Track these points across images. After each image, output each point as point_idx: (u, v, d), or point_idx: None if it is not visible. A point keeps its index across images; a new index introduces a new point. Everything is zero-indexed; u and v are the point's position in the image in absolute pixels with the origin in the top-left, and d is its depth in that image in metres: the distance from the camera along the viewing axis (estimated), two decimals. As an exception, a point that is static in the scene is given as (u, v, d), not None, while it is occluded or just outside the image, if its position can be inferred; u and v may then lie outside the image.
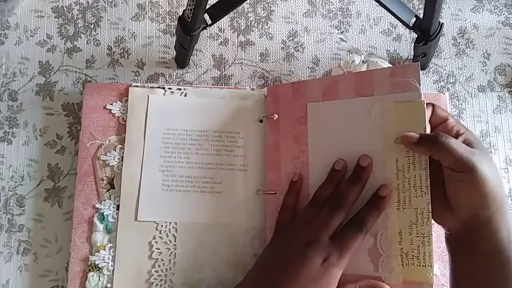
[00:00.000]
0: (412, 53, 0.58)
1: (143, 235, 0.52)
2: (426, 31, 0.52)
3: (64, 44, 0.59)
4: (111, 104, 0.55)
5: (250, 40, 0.60)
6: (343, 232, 0.45)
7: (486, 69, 0.60)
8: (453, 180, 0.42)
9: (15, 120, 0.57)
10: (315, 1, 0.62)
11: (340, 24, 0.61)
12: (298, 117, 0.52)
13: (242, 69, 0.60)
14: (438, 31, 0.52)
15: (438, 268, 0.52)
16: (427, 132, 0.44)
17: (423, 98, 0.45)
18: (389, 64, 0.55)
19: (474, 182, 0.41)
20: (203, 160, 0.54)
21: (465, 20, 0.61)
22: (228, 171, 0.54)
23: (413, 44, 0.55)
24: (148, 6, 0.61)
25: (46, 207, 0.55)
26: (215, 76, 0.59)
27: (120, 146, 0.54)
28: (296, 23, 0.61)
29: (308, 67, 0.60)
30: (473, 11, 0.62)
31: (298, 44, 0.60)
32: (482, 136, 0.58)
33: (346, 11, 0.61)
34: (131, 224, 0.52)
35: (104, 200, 0.53)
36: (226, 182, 0.53)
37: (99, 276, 0.51)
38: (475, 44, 0.61)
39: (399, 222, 0.45)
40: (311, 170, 0.50)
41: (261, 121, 0.55)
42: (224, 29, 0.61)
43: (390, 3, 0.52)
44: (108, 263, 0.51)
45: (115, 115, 0.55)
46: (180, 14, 0.52)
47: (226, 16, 0.55)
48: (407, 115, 0.45)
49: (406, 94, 0.45)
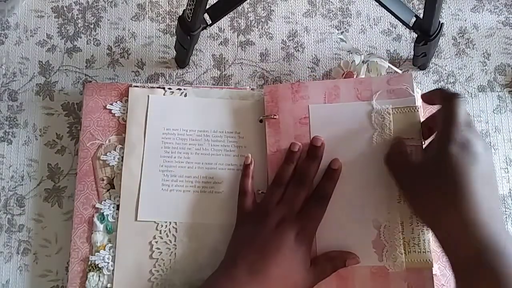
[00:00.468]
0: (412, 53, 0.58)
1: (143, 235, 0.52)
2: (426, 31, 0.52)
3: (64, 44, 0.59)
4: (111, 104, 0.55)
5: (250, 40, 0.60)
6: (309, 206, 0.49)
7: (486, 69, 0.60)
8: None
9: (15, 120, 0.57)
10: (315, 1, 0.62)
11: (340, 24, 0.61)
12: (299, 117, 0.53)
13: (242, 69, 0.60)
14: (438, 31, 0.52)
15: (438, 268, 0.52)
16: (421, 135, 0.49)
17: (417, 104, 0.50)
18: (389, 64, 0.55)
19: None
20: (203, 160, 0.54)
21: (465, 20, 0.61)
22: (228, 171, 0.54)
23: (413, 44, 0.55)
24: (148, 6, 0.61)
25: (46, 207, 0.55)
26: (215, 76, 0.59)
27: (120, 146, 0.54)
28: (296, 23, 0.61)
29: (308, 67, 0.60)
30: (473, 11, 0.62)
31: (298, 44, 0.60)
32: (482, 136, 0.58)
33: (346, 11, 0.61)
34: (131, 224, 0.52)
35: (104, 200, 0.53)
36: (226, 182, 0.53)
37: (99, 276, 0.51)
38: (475, 44, 0.61)
39: (401, 214, 0.49)
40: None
41: (261, 121, 0.55)
42: (224, 29, 0.61)
43: (390, 3, 0.52)
44: (108, 263, 0.51)
45: (115, 115, 0.55)
46: (180, 14, 0.52)
47: (226, 16, 0.55)
48: (404, 120, 0.50)
49: (402, 100, 0.51)
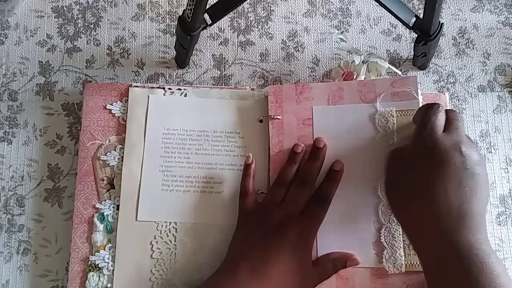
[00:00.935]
0: (412, 53, 0.58)
1: (143, 235, 0.52)
2: (426, 31, 0.52)
3: (64, 44, 0.59)
4: (111, 104, 0.55)
5: (250, 40, 0.60)
6: (310, 206, 0.49)
7: (486, 69, 0.60)
8: None
9: (15, 120, 0.57)
10: (315, 1, 0.62)
11: (340, 24, 0.61)
12: (303, 118, 0.53)
13: (242, 69, 0.60)
14: (438, 31, 0.52)
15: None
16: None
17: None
18: (389, 65, 0.55)
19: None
20: (203, 160, 0.54)
21: (465, 20, 0.61)
22: (228, 171, 0.54)
23: (413, 44, 0.55)
24: (148, 6, 0.61)
25: (46, 207, 0.55)
26: (215, 76, 0.59)
27: (120, 146, 0.54)
28: (296, 23, 0.61)
29: (308, 67, 0.60)
30: (473, 11, 0.62)
31: (298, 44, 0.60)
32: (482, 136, 0.58)
33: (346, 11, 0.61)
34: (131, 224, 0.52)
35: (104, 200, 0.53)
36: (226, 182, 0.53)
37: (99, 276, 0.51)
38: (475, 44, 0.61)
39: None
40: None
41: (261, 121, 0.55)
42: (224, 29, 0.61)
43: (390, 3, 0.52)
44: (108, 263, 0.51)
45: (115, 115, 0.55)
46: (180, 14, 0.52)
47: (226, 16, 0.55)
48: (407, 122, 0.50)
49: (406, 103, 0.51)
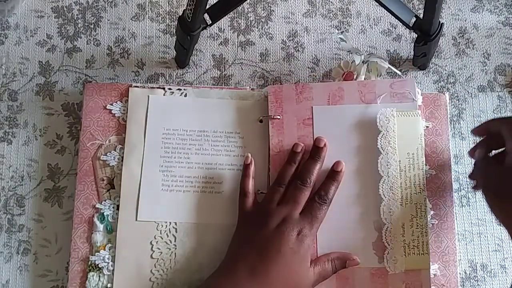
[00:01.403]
0: (412, 53, 0.58)
1: (143, 235, 0.52)
2: (426, 31, 0.52)
3: (64, 44, 0.59)
4: (111, 104, 0.55)
5: (250, 40, 0.60)
6: (310, 206, 0.49)
7: (486, 69, 0.60)
8: None
9: (15, 120, 0.57)
10: (315, 1, 0.62)
11: (340, 24, 0.61)
12: (303, 118, 0.53)
13: (242, 69, 0.60)
14: (438, 31, 0.52)
15: (438, 268, 0.52)
16: (422, 139, 0.52)
17: (418, 109, 0.52)
18: (389, 65, 0.55)
19: None
20: (203, 160, 0.54)
21: (465, 20, 0.61)
22: (228, 171, 0.54)
23: (413, 44, 0.55)
24: (148, 6, 0.61)
25: (46, 207, 0.55)
26: (215, 76, 0.59)
27: (120, 146, 0.54)
28: (296, 23, 0.61)
29: (308, 67, 0.60)
30: (473, 11, 0.62)
31: (298, 44, 0.60)
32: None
33: (346, 11, 0.61)
34: (131, 224, 0.52)
35: (104, 200, 0.53)
36: (226, 182, 0.53)
37: (99, 276, 0.51)
38: (475, 44, 0.61)
39: (402, 216, 0.50)
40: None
41: (261, 121, 0.55)
42: (224, 29, 0.61)
43: (390, 3, 0.52)
44: (108, 263, 0.51)
45: (115, 115, 0.55)
46: (180, 14, 0.52)
47: (226, 16, 0.55)
48: (407, 123, 0.52)
49: (404, 105, 0.53)
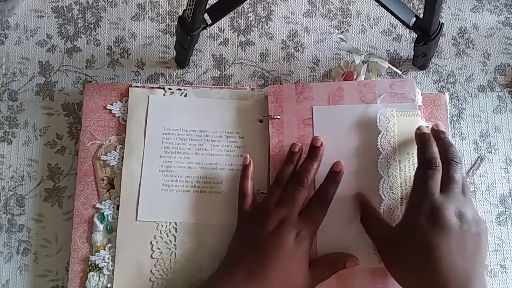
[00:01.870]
0: (412, 53, 0.58)
1: (143, 235, 0.52)
2: (426, 31, 0.52)
3: (64, 44, 0.59)
4: (111, 104, 0.55)
5: (250, 40, 0.60)
6: (309, 207, 0.49)
7: (486, 69, 0.60)
8: None
9: (15, 120, 0.57)
10: (315, 1, 0.62)
11: (340, 24, 0.61)
12: (302, 118, 0.53)
13: (242, 69, 0.60)
14: (438, 31, 0.52)
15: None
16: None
17: (418, 110, 0.52)
18: (389, 65, 0.55)
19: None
20: (203, 160, 0.54)
21: (465, 20, 0.61)
22: (228, 171, 0.54)
23: (413, 44, 0.55)
24: (148, 6, 0.61)
25: (46, 207, 0.55)
26: (215, 76, 0.59)
27: (120, 146, 0.54)
28: (296, 23, 0.61)
29: (308, 67, 0.60)
30: (473, 11, 0.62)
31: (298, 44, 0.60)
32: (482, 136, 0.58)
33: (346, 11, 0.61)
34: (131, 224, 0.52)
35: (104, 200, 0.53)
36: (226, 182, 0.53)
37: (99, 276, 0.51)
38: (475, 44, 0.61)
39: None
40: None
41: (261, 121, 0.55)
42: (224, 29, 0.61)
43: (390, 3, 0.52)
44: (108, 263, 0.51)
45: (115, 115, 0.55)
46: (180, 14, 0.52)
47: (226, 16, 0.55)
48: (407, 123, 0.52)
49: (404, 105, 0.53)
